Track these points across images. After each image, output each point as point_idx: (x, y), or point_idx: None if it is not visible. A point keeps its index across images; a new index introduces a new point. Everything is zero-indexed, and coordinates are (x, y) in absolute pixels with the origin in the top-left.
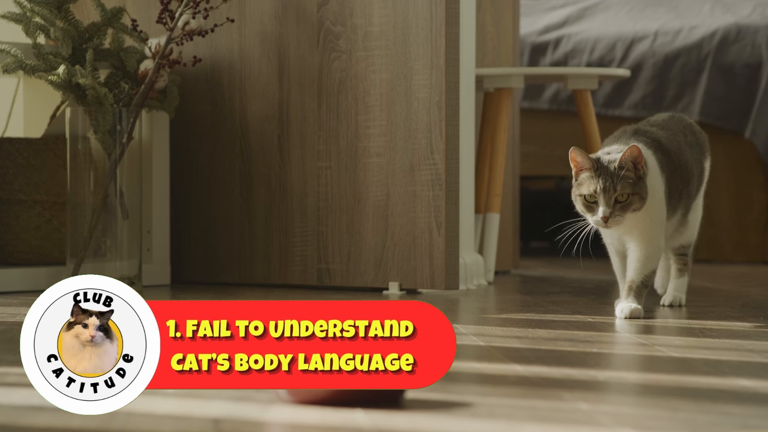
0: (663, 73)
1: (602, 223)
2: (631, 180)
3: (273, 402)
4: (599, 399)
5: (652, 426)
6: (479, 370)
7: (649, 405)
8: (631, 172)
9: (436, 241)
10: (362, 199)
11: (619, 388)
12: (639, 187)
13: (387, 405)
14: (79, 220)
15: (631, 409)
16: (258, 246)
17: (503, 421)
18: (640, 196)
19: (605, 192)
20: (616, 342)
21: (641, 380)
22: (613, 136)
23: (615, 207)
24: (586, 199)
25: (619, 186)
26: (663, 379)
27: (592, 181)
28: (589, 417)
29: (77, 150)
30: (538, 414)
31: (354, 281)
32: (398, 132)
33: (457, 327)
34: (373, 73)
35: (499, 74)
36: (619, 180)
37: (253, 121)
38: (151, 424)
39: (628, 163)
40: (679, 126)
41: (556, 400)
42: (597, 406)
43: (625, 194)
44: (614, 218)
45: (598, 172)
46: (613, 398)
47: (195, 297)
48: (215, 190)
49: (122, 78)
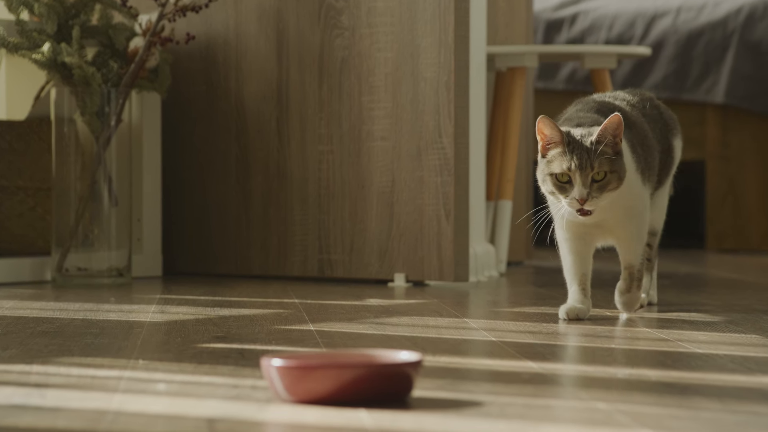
0: (686, 52)
1: (577, 205)
2: (609, 156)
3: (271, 401)
4: (618, 398)
5: (675, 426)
6: (490, 367)
7: (671, 404)
8: (609, 148)
9: (444, 230)
10: (366, 186)
11: (639, 386)
12: (617, 164)
13: (392, 404)
14: (64, 208)
15: (652, 408)
16: (255, 235)
17: (516, 421)
18: (618, 175)
19: (581, 170)
20: (636, 337)
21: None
22: (573, 111)
23: (591, 187)
24: (558, 179)
25: (596, 163)
26: (686, 376)
27: (564, 157)
28: (608, 417)
29: (63, 133)
30: (552, 414)
31: (357, 272)
32: (404, 114)
33: (467, 321)
34: (377, 52)
35: (512, 52)
36: (596, 156)
37: (250, 103)
38: (141, 424)
39: (608, 136)
40: (637, 97)
41: (572, 399)
42: (616, 406)
43: (602, 172)
44: (591, 200)
45: (570, 147)
46: (633, 397)
47: (188, 289)
48: (210, 176)
49: (111, 56)
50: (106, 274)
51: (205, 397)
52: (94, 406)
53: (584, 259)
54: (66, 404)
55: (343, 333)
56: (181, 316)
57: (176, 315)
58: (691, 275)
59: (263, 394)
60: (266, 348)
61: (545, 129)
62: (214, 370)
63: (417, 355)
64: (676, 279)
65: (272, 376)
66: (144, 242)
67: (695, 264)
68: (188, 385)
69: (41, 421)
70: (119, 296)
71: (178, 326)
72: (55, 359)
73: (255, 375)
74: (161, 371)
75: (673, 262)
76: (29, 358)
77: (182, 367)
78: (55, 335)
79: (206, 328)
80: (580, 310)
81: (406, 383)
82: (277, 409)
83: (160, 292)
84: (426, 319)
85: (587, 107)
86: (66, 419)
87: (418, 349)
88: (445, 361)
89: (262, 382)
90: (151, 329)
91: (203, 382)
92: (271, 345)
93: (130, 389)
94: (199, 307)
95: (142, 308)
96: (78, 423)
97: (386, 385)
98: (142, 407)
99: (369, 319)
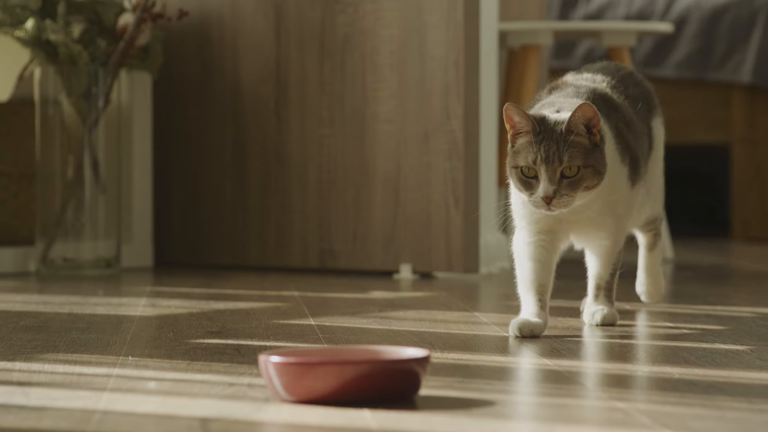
0: (710, 29)
1: (543, 205)
2: (584, 147)
3: (269, 400)
4: (638, 397)
5: (698, 427)
6: (502, 364)
7: (694, 403)
8: (584, 137)
9: (453, 219)
10: (370, 171)
11: (660, 384)
12: (594, 157)
13: (397, 404)
14: (49, 195)
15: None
16: (252, 224)
17: (530, 421)
18: (595, 170)
19: (547, 163)
20: (657, 332)
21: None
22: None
23: (561, 184)
24: (524, 173)
25: (566, 156)
26: (710, 374)
27: (531, 148)
28: (627, 417)
29: (48, 115)
30: (569, 414)
31: (360, 263)
32: (411, 95)
33: (478, 315)
34: (382, 29)
35: (525, 29)
36: (567, 147)
37: (247, 83)
38: (131, 424)
39: (579, 125)
40: (618, 74)
41: (589, 399)
42: (635, 405)
43: (574, 167)
44: (560, 199)
45: (540, 137)
46: (654, 396)
47: (181, 281)
48: (204, 161)
49: (98, 34)
50: (93, 264)
51: (199, 396)
52: (80, 405)
53: (545, 268)
54: (51, 404)
55: (345, 328)
56: (173, 310)
57: (168, 309)
58: (715, 266)
59: (260, 392)
60: (264, 344)
61: (514, 116)
62: (208, 368)
63: (424, 351)
64: (699, 270)
65: (270, 374)
66: (133, 231)
67: (720, 254)
68: (181, 384)
69: (24, 421)
70: (107, 289)
71: (169, 321)
72: (40, 356)
73: (252, 372)
74: (152, 368)
75: (696, 253)
76: (12, 354)
77: (174, 365)
78: (39, 330)
79: (200, 323)
80: (535, 325)
81: (412, 381)
82: (275, 409)
83: (150, 284)
84: (434, 313)
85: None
86: (51, 419)
87: (426, 345)
88: (454, 358)
89: (260, 380)
90: (142, 324)
91: (196, 380)
92: (269, 341)
93: (119, 388)
94: (193, 300)
95: (131, 301)
96: (64, 423)
97: (391, 384)
98: (132, 407)
99: (373, 313)
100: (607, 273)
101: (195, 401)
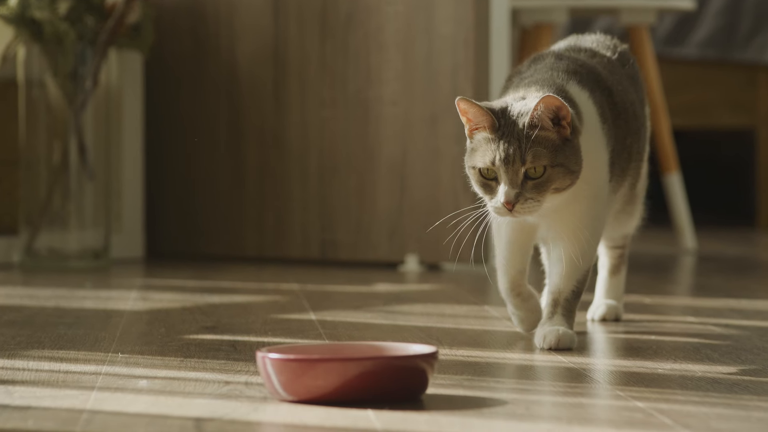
0: (735, 5)
1: (505, 211)
2: (551, 144)
3: (267, 399)
4: (659, 396)
5: (722, 428)
6: (514, 362)
7: (718, 403)
8: (551, 132)
9: (462, 206)
10: (374, 157)
11: (682, 382)
12: (564, 154)
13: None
14: (34, 182)
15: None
16: (249, 213)
17: (544, 422)
18: (566, 169)
19: (507, 164)
20: (678, 328)
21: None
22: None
23: (525, 186)
24: (483, 174)
25: (529, 155)
26: (735, 371)
27: (489, 146)
28: (648, 417)
29: (32, 97)
30: (585, 414)
31: (364, 254)
32: (417, 76)
33: (488, 309)
34: (387, 5)
35: (539, 7)
36: (531, 145)
37: (243, 63)
38: (120, 425)
39: (544, 119)
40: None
41: (607, 398)
42: (656, 405)
43: (539, 167)
44: (525, 204)
45: (499, 133)
46: (676, 395)
47: (173, 273)
48: (198, 146)
49: (86, 11)
50: (80, 255)
51: (193, 394)
52: (67, 405)
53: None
54: (36, 403)
55: (348, 323)
56: (166, 304)
57: (160, 302)
58: (740, 257)
59: (258, 391)
60: (261, 340)
61: (469, 109)
62: (202, 365)
63: (432, 347)
64: (723, 262)
65: (268, 372)
66: (123, 220)
67: (745, 244)
68: (173, 382)
69: (8, 421)
70: (96, 281)
71: (161, 315)
72: (24, 352)
73: (249, 370)
74: (143, 366)
75: (720, 243)
76: None
77: (166, 362)
78: (23, 325)
79: (194, 318)
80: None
81: (419, 379)
82: (273, 409)
83: (141, 277)
84: (442, 306)
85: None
86: (36, 419)
87: (433, 341)
88: (463, 355)
89: (257, 378)
90: (132, 319)
91: (190, 379)
92: (267, 336)
93: (108, 386)
94: (186, 293)
95: (121, 295)
96: (50, 424)
97: (397, 382)
98: (122, 406)
99: (377, 307)
100: (569, 288)
101: (188, 400)
